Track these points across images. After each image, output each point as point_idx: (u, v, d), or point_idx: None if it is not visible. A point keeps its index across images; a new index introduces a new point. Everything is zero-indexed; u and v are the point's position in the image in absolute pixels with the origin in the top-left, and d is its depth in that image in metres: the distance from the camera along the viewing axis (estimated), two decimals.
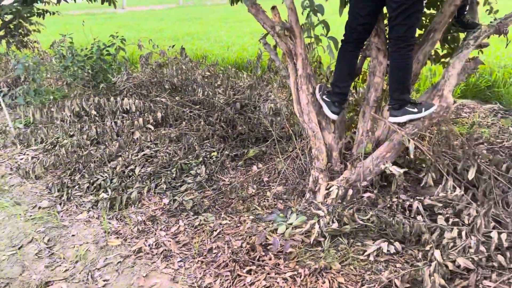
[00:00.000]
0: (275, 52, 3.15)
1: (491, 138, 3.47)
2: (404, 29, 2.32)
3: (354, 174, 2.58)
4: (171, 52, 4.69)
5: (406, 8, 2.25)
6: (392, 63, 2.47)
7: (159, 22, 13.96)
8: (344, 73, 2.59)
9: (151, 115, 3.80)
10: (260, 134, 3.68)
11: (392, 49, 2.43)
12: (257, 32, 9.38)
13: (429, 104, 2.48)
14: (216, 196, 2.86)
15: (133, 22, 14.13)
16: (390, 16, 2.35)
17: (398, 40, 2.36)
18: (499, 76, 4.72)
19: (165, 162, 3.26)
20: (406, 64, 2.41)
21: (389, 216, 2.29)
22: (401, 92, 2.45)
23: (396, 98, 2.47)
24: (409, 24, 2.32)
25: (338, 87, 2.61)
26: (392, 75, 2.47)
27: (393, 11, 2.31)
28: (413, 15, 2.30)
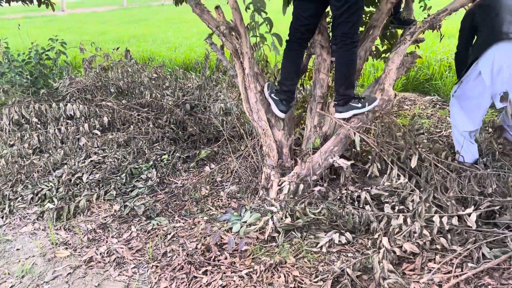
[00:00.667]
0: (222, 52, 3.16)
1: (431, 128, 3.66)
2: (348, 27, 2.40)
3: (304, 169, 2.64)
4: (115, 55, 4.56)
5: (349, 6, 2.34)
6: (337, 60, 2.54)
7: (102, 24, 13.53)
8: (290, 72, 2.65)
9: (97, 120, 3.68)
10: (212, 134, 3.66)
11: (338, 46, 2.50)
12: (204, 32, 9.33)
13: (372, 98, 2.59)
14: (168, 199, 2.82)
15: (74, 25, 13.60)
16: (335, 15, 2.42)
17: (343, 37, 2.44)
18: (436, 70, 4.99)
19: (114, 168, 3.17)
20: (351, 60, 2.49)
21: (339, 208, 2.36)
22: (346, 88, 2.54)
23: (342, 93, 2.55)
24: (353, 21, 2.41)
25: (285, 85, 2.65)
26: (338, 71, 2.55)
27: (337, 9, 2.39)
28: (356, 12, 2.40)
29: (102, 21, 14.74)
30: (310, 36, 2.63)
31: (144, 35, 10.23)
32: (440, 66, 5.03)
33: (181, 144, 3.54)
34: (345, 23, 2.38)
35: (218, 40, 2.92)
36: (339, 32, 2.43)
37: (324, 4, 2.48)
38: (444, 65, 5.06)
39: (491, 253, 1.95)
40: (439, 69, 4.99)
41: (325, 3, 2.47)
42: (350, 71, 2.50)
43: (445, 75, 4.86)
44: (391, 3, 2.76)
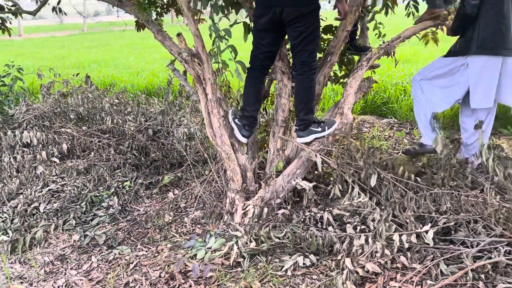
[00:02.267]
0: (184, 77, 3.18)
1: (389, 150, 3.80)
2: (306, 55, 2.51)
3: (268, 192, 2.66)
4: (75, 80, 4.48)
5: (306, 36, 2.46)
6: (297, 86, 2.63)
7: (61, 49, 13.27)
8: (252, 98, 2.70)
9: (55, 147, 3.58)
10: (175, 159, 3.64)
11: (297, 73, 2.59)
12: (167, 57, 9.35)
13: (331, 122, 2.67)
14: (130, 227, 2.75)
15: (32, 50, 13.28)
16: (293, 44, 2.53)
17: (302, 65, 2.54)
18: (392, 93, 5.21)
19: (73, 196, 3.07)
20: (310, 87, 2.59)
21: (303, 230, 2.39)
22: (306, 113, 2.62)
23: (302, 118, 2.63)
24: (310, 50, 2.52)
25: (247, 111, 2.70)
26: (297, 97, 2.64)
27: (294, 39, 2.49)
28: (313, 41, 2.51)
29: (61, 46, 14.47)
30: (270, 63, 2.71)
31: (106, 60, 10.11)
32: (395, 90, 5.26)
33: (143, 170, 3.48)
34: (303, 51, 2.49)
35: (180, 66, 2.95)
36: (297, 61, 2.53)
37: (283, 33, 2.57)
38: (399, 89, 5.30)
39: (448, 269, 2.02)
40: (395, 92, 5.21)
41: (283, 32, 2.56)
42: (309, 97, 2.59)
43: (401, 98, 5.08)
44: (346, 31, 2.89)
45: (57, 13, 4.38)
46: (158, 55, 10.46)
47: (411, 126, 4.56)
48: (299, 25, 2.43)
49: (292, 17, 2.42)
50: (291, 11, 2.41)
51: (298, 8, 2.40)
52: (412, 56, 8.05)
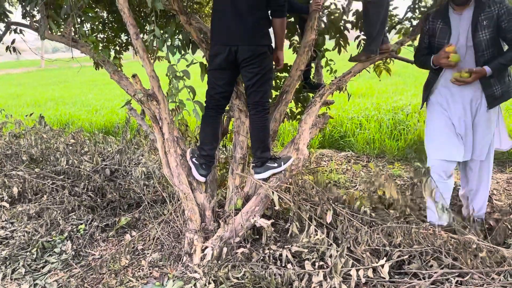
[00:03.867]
0: (142, 117, 3.17)
1: (346, 183, 3.89)
2: (260, 95, 2.58)
3: (227, 231, 2.64)
4: (28, 120, 4.36)
5: (260, 77, 2.54)
6: (252, 125, 2.68)
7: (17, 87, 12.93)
8: (208, 137, 2.72)
9: (5, 191, 3.43)
10: (133, 199, 3.56)
11: (251, 112, 2.65)
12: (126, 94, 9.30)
13: (287, 158, 2.72)
14: (84, 274, 2.64)
15: None
16: (247, 85, 2.59)
17: (256, 105, 2.60)
18: (348, 127, 5.39)
19: (23, 243, 2.92)
20: (264, 126, 2.64)
21: (262, 269, 2.37)
22: (262, 151, 2.66)
23: (258, 156, 2.66)
24: (264, 90, 2.59)
25: (204, 150, 2.71)
26: (253, 136, 2.68)
27: (248, 80, 2.56)
28: (266, 82, 2.59)
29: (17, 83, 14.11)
30: (226, 102, 2.75)
31: (63, 97, 9.93)
32: (352, 124, 5.44)
33: (99, 211, 3.38)
34: (256, 92, 2.56)
35: (138, 105, 2.94)
36: (251, 100, 2.59)
37: (237, 72, 2.63)
38: (355, 123, 5.49)
39: None
40: (351, 126, 5.39)
41: (237, 71, 2.63)
42: (264, 135, 2.64)
43: (357, 132, 5.25)
44: (300, 70, 3.00)
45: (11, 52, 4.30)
46: (118, 92, 10.39)
47: (367, 159, 4.71)
48: (253, 67, 2.51)
49: (247, 56, 2.49)
50: (246, 50, 2.48)
51: (253, 47, 2.48)
52: (367, 90, 8.41)
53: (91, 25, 3.91)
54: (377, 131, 5.16)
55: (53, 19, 3.03)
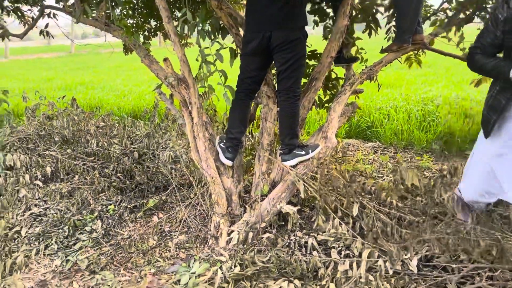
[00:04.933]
0: (171, 101, 3.20)
1: (373, 173, 3.84)
2: (291, 81, 2.56)
3: (253, 216, 2.66)
4: (61, 103, 4.47)
5: (293, 63, 2.52)
6: (281, 112, 2.67)
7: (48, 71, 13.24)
8: (236, 121, 2.73)
9: (39, 170, 3.54)
10: (160, 182, 3.62)
11: (281, 99, 2.64)
12: (154, 80, 9.39)
13: (314, 146, 2.71)
14: (114, 252, 2.71)
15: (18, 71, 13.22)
16: (279, 70, 2.57)
17: (287, 91, 2.59)
18: (376, 117, 5.31)
19: (56, 220, 3.02)
20: (294, 112, 2.63)
21: (287, 255, 2.38)
22: (291, 138, 2.65)
23: (286, 143, 2.66)
24: (296, 76, 2.58)
25: (231, 133, 2.73)
26: (282, 122, 2.68)
27: (281, 65, 2.54)
28: (298, 68, 2.58)
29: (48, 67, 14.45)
30: (257, 87, 2.75)
31: (93, 82, 10.11)
32: (379, 114, 5.35)
33: (128, 193, 3.46)
34: (288, 78, 2.54)
35: (167, 89, 2.98)
36: (282, 86, 2.58)
37: (270, 58, 2.62)
38: (383, 113, 5.39)
39: None
40: (379, 117, 5.30)
41: (270, 57, 2.61)
42: (293, 122, 2.63)
43: (385, 122, 5.17)
44: (331, 57, 2.96)
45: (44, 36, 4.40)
46: (145, 77, 10.51)
47: (395, 150, 4.63)
48: (286, 52, 2.49)
49: (280, 41, 2.47)
50: (279, 35, 2.46)
51: (287, 31, 2.46)
52: (396, 80, 8.24)
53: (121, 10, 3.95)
54: (406, 122, 5.06)
55: (87, 3, 3.07)
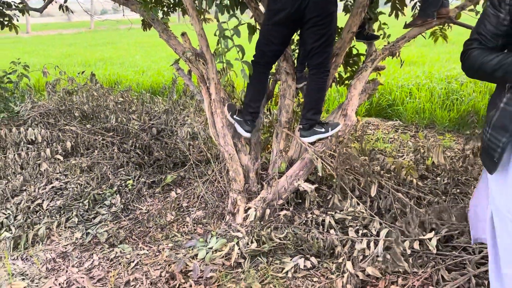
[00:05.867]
0: (189, 77, 3.17)
1: (393, 152, 3.78)
2: (324, 57, 2.53)
3: (270, 193, 2.65)
4: (80, 78, 4.49)
5: (326, 39, 2.47)
6: (311, 86, 2.62)
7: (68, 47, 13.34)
8: (256, 94, 2.69)
9: (59, 145, 3.59)
10: (178, 159, 3.64)
11: (311, 73, 2.59)
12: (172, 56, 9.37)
13: (335, 124, 2.66)
14: (132, 226, 2.76)
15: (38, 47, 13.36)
16: (312, 47, 2.50)
17: (318, 66, 2.55)
18: (397, 96, 5.19)
19: (76, 194, 3.08)
20: (323, 87, 2.60)
21: (304, 232, 2.38)
22: (314, 113, 2.61)
23: (309, 118, 2.62)
24: (328, 51, 2.55)
25: (251, 107, 2.69)
26: (309, 97, 2.63)
27: (314, 42, 2.48)
28: (331, 44, 2.54)
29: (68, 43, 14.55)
30: (275, 60, 2.70)
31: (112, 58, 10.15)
32: (401, 92, 5.23)
33: (146, 169, 3.49)
34: (321, 53, 2.49)
35: (185, 65, 2.95)
36: (314, 62, 2.53)
37: (294, 30, 2.56)
38: (405, 91, 5.27)
39: (450, 276, 2.00)
40: (400, 95, 5.18)
41: (294, 29, 2.55)
42: (320, 97, 2.60)
43: (406, 100, 5.05)
44: (352, 32, 2.87)
45: (64, 11, 4.40)
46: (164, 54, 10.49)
47: (416, 129, 4.54)
48: (321, 28, 2.41)
49: (316, 13, 2.37)
50: (317, 7, 2.36)
51: (325, 3, 2.36)
52: (418, 58, 8.02)
53: None
54: (428, 100, 4.94)
55: None
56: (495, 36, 1.48)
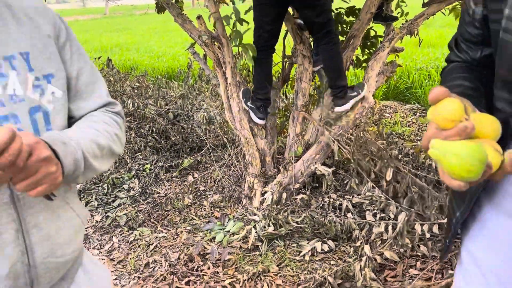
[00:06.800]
0: (204, 61, 3.16)
1: (411, 136, 3.72)
2: (327, 25, 2.51)
3: (287, 177, 2.65)
4: (97, 63, 4.52)
5: (323, 10, 2.45)
6: (327, 55, 2.59)
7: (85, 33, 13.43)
8: (262, 80, 2.66)
9: None
10: (195, 143, 3.65)
11: (322, 43, 2.56)
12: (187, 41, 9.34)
13: (360, 84, 2.65)
14: (151, 209, 2.79)
15: None
16: (313, 21, 2.48)
17: (326, 34, 2.52)
18: (415, 78, 5.09)
19: (95, 178, 3.13)
20: (338, 52, 2.59)
21: (321, 216, 2.38)
22: (341, 79, 2.59)
23: (339, 85, 2.58)
24: (328, 17, 2.53)
25: (259, 94, 2.67)
26: (329, 65, 2.61)
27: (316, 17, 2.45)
28: (328, 11, 2.54)
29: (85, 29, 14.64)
30: (275, 41, 2.65)
31: (127, 44, 10.19)
32: (420, 75, 5.13)
33: (163, 153, 3.52)
34: (323, 23, 2.47)
35: (200, 49, 2.93)
36: (319, 32, 2.51)
37: (284, 6, 2.52)
38: (423, 73, 5.17)
39: None
40: (419, 77, 5.08)
41: (284, 5, 2.51)
42: (340, 61, 2.59)
43: (425, 83, 4.96)
44: (370, 13, 2.81)
45: None
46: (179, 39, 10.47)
47: None
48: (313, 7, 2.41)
49: None
50: None
51: None
52: (438, 39, 7.83)
53: None
54: None
55: None
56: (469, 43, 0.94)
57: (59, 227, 0.83)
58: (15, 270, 0.76)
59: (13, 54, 0.77)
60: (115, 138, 0.90)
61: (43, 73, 0.80)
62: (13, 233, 0.76)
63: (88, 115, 0.91)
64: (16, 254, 0.76)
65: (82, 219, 0.91)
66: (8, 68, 0.75)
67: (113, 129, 0.91)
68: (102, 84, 0.95)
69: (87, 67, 0.92)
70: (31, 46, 0.79)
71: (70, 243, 0.86)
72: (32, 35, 0.80)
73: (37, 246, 0.79)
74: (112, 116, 0.94)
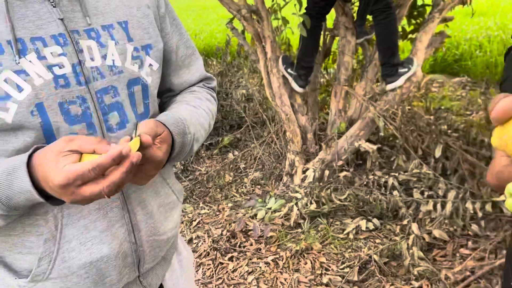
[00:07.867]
0: (243, 36, 3.10)
1: (460, 111, 3.53)
2: None
3: (329, 154, 2.59)
4: None
5: None
6: (382, 30, 2.49)
7: None
8: (309, 48, 2.58)
9: None
10: (234, 121, 3.64)
11: (379, 18, 2.47)
12: (224, 18, 9.26)
13: (409, 59, 2.54)
14: (193, 186, 2.82)
15: None
16: None
17: (384, 9, 2.44)
18: (465, 49, 4.81)
19: None
20: (395, 28, 2.51)
21: (366, 194, 2.31)
22: (393, 56, 2.50)
23: (392, 63, 2.50)
24: None
25: (304, 61, 2.59)
26: (384, 42, 2.52)
27: None
28: None
29: None
30: (329, 10, 2.55)
31: None
32: (470, 46, 4.84)
33: None
34: None
35: (239, 24, 2.88)
36: (378, 6, 2.43)
37: None
38: (474, 44, 4.87)
39: None
40: (469, 48, 4.80)
41: None
42: (395, 38, 2.50)
43: (475, 54, 4.67)
44: None
45: None
46: (215, 16, 10.40)
47: (486, 85, 4.20)
48: None
49: None
50: None
51: None
52: (489, 8, 7.35)
53: None
54: (501, 53, 4.53)
55: None
56: None
57: (159, 204, 0.82)
58: (123, 249, 0.75)
59: (111, 24, 0.73)
60: (213, 116, 0.90)
61: (142, 44, 0.76)
62: (119, 211, 0.74)
63: (192, 91, 0.90)
64: (122, 233, 0.75)
65: (177, 195, 0.89)
66: (107, 38, 0.71)
67: (214, 107, 0.90)
68: (199, 56, 0.93)
69: (183, 39, 0.88)
70: (129, 16, 0.75)
71: (169, 220, 0.84)
72: (130, 4, 0.76)
73: (142, 224, 0.77)
74: (210, 92, 0.93)
